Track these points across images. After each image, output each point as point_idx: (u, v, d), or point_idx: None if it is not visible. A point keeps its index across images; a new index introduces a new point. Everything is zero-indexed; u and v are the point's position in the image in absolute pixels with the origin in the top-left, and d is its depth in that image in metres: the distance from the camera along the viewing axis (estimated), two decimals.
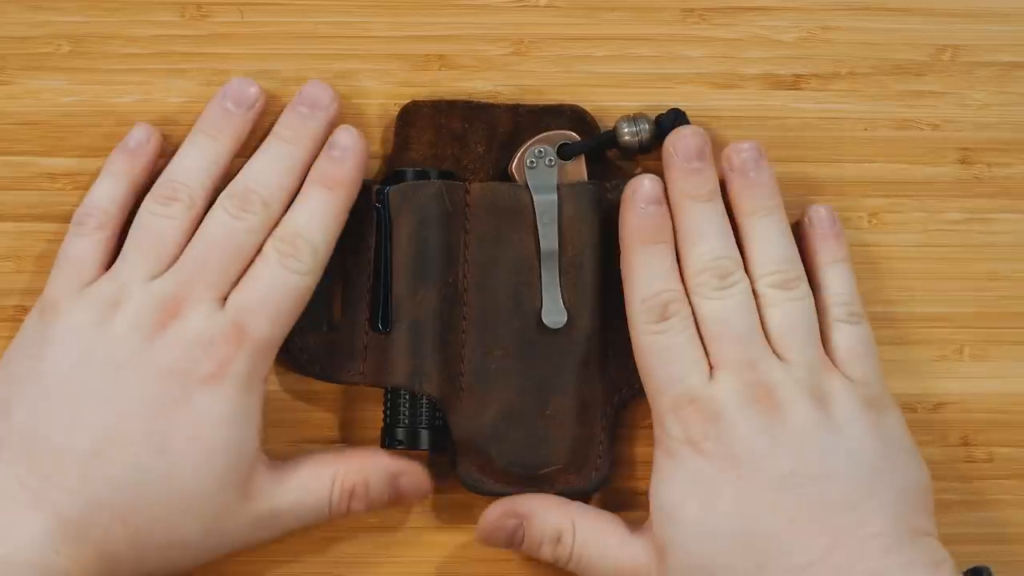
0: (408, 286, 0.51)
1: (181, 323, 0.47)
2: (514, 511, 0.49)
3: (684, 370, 0.47)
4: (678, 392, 0.47)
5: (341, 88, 0.54)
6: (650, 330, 0.48)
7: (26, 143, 0.54)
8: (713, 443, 0.46)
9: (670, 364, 0.48)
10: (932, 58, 0.55)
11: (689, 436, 0.46)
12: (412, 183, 0.52)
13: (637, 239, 0.49)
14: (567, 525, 0.48)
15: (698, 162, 0.50)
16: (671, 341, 0.48)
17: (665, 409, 0.47)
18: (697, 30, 0.54)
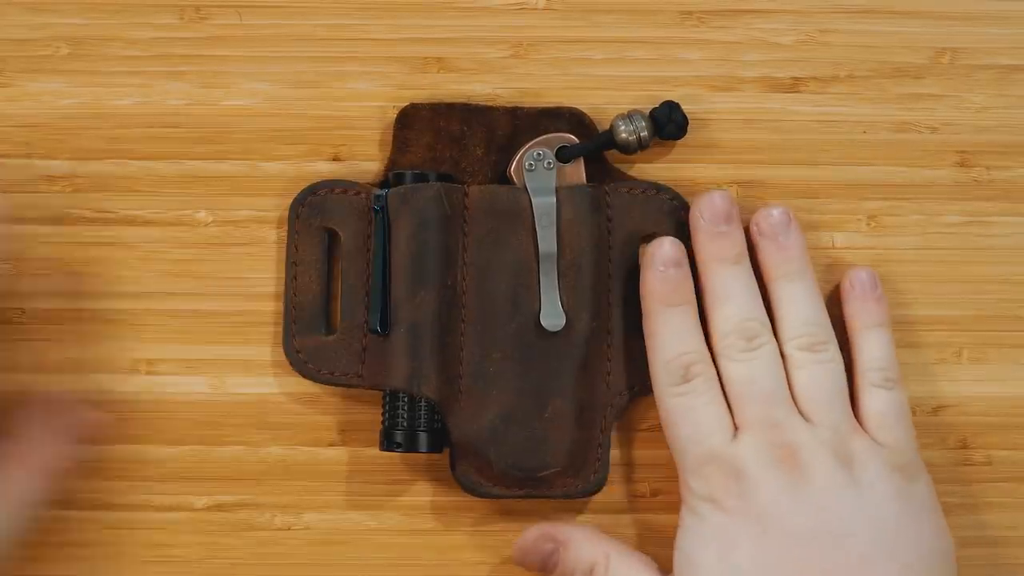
0: (407, 289, 0.51)
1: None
2: (552, 536, 0.50)
3: (707, 430, 0.48)
4: (701, 451, 0.48)
5: (340, 91, 0.54)
6: (673, 392, 0.49)
7: (25, 145, 0.54)
8: (735, 500, 0.46)
9: (693, 424, 0.48)
10: (931, 61, 0.55)
11: (711, 494, 0.47)
12: (411, 186, 0.52)
13: (658, 300, 0.50)
14: (601, 559, 0.49)
15: (725, 225, 0.50)
16: (694, 402, 0.48)
17: (689, 468, 0.48)
18: (695, 33, 0.54)
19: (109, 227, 0.54)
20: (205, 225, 0.54)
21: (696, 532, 0.47)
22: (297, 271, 0.53)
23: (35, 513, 0.49)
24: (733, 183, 0.54)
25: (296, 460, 0.53)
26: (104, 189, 0.54)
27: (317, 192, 0.53)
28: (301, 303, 0.53)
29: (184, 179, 0.54)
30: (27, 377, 0.53)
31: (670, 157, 0.54)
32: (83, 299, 0.53)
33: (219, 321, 0.53)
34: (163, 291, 0.53)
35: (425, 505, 0.53)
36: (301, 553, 0.53)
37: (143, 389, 0.53)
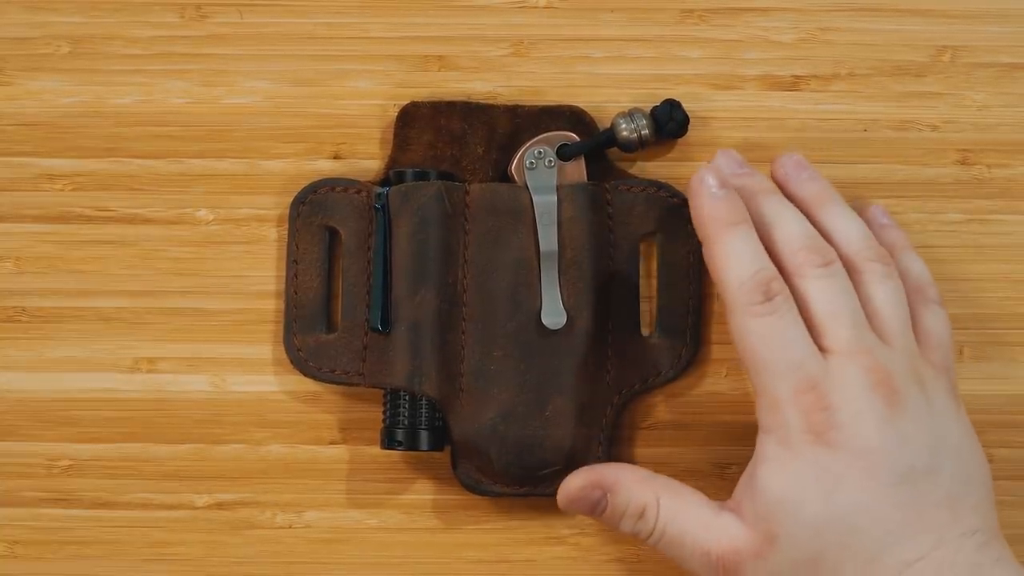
0: (408, 287, 0.51)
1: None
2: (599, 482, 0.47)
3: (802, 354, 0.44)
4: (798, 378, 0.44)
5: (340, 89, 0.54)
6: (756, 312, 0.45)
7: (26, 144, 0.54)
8: (837, 433, 0.43)
9: (786, 348, 0.44)
10: (932, 59, 0.55)
11: (811, 425, 0.44)
12: (411, 184, 0.52)
13: (719, 223, 0.46)
14: (652, 500, 0.46)
15: (746, 166, 0.49)
16: (782, 322, 0.45)
17: (784, 397, 0.44)
18: (696, 31, 0.55)
19: (109, 226, 0.54)
20: (206, 224, 0.54)
21: (793, 470, 0.44)
22: (298, 269, 0.53)
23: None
24: None
25: (297, 458, 0.53)
26: (104, 187, 0.54)
27: (318, 190, 0.53)
28: (302, 301, 0.53)
29: (184, 177, 0.54)
30: (28, 376, 0.53)
31: (671, 155, 0.54)
32: (83, 298, 0.53)
33: (220, 319, 0.53)
34: (163, 290, 0.53)
35: (426, 503, 0.53)
36: (302, 551, 0.53)
37: (144, 388, 0.53)
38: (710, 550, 0.45)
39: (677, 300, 0.53)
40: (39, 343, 0.53)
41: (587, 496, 0.47)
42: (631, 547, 0.53)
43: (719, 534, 0.45)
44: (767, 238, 0.47)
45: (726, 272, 0.46)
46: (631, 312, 0.53)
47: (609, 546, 0.53)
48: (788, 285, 0.46)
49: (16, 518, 0.53)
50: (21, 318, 0.53)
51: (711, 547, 0.45)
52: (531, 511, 0.53)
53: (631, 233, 0.53)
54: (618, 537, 0.53)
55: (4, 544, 0.53)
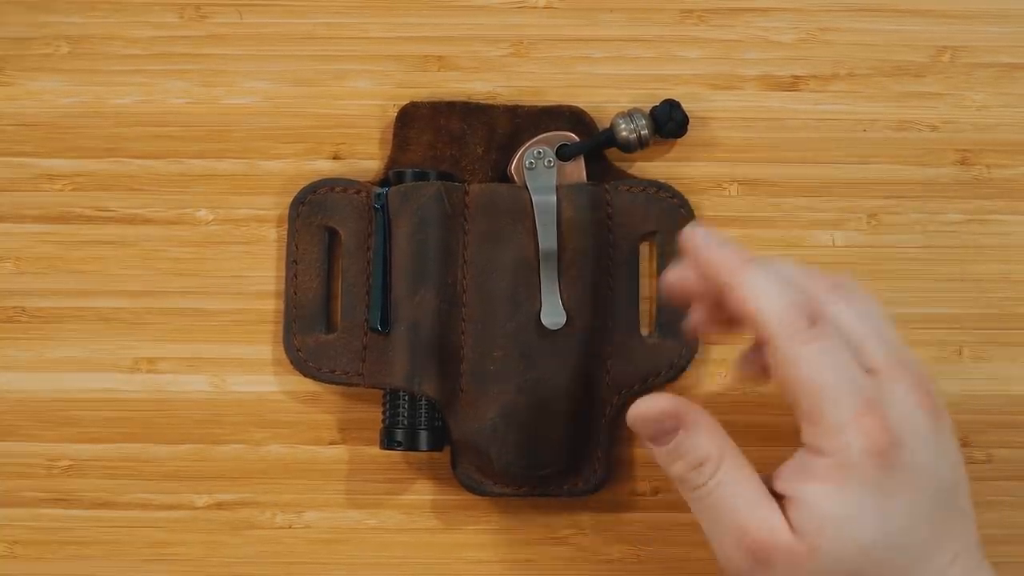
0: (407, 287, 0.51)
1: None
2: (679, 414, 0.45)
3: (858, 375, 0.44)
4: (860, 401, 0.43)
5: (340, 89, 0.54)
6: (805, 339, 0.43)
7: (26, 144, 0.54)
8: (898, 452, 0.43)
9: (842, 370, 0.43)
10: (931, 59, 0.55)
11: (874, 446, 0.43)
12: (411, 184, 0.52)
13: (734, 264, 0.45)
14: (716, 456, 0.44)
15: (722, 238, 0.46)
16: (833, 345, 0.44)
17: (846, 420, 0.43)
18: (696, 31, 0.55)
19: (109, 226, 0.54)
20: (205, 224, 0.54)
21: (851, 490, 0.43)
22: (297, 269, 0.53)
23: None
24: (733, 181, 0.54)
25: (296, 458, 0.53)
26: (104, 188, 0.54)
27: (317, 191, 0.53)
28: (301, 302, 0.53)
29: (184, 178, 0.54)
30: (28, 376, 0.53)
31: (670, 155, 0.54)
32: (83, 298, 0.53)
33: (219, 320, 0.53)
34: (163, 290, 0.53)
35: (426, 503, 0.53)
36: (302, 551, 0.53)
37: (144, 388, 0.53)
38: (748, 531, 0.43)
39: None
40: (39, 343, 0.53)
41: (662, 422, 0.44)
42: (631, 547, 0.53)
43: (762, 522, 0.44)
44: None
45: (762, 307, 0.44)
46: (631, 312, 0.53)
47: (609, 546, 0.53)
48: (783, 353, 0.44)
49: (16, 518, 0.53)
50: (21, 318, 0.53)
51: (751, 528, 0.43)
52: (531, 511, 0.53)
53: (631, 233, 0.53)
54: (618, 537, 0.53)
55: (4, 544, 0.53)
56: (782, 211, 0.54)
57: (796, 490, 0.43)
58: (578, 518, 0.53)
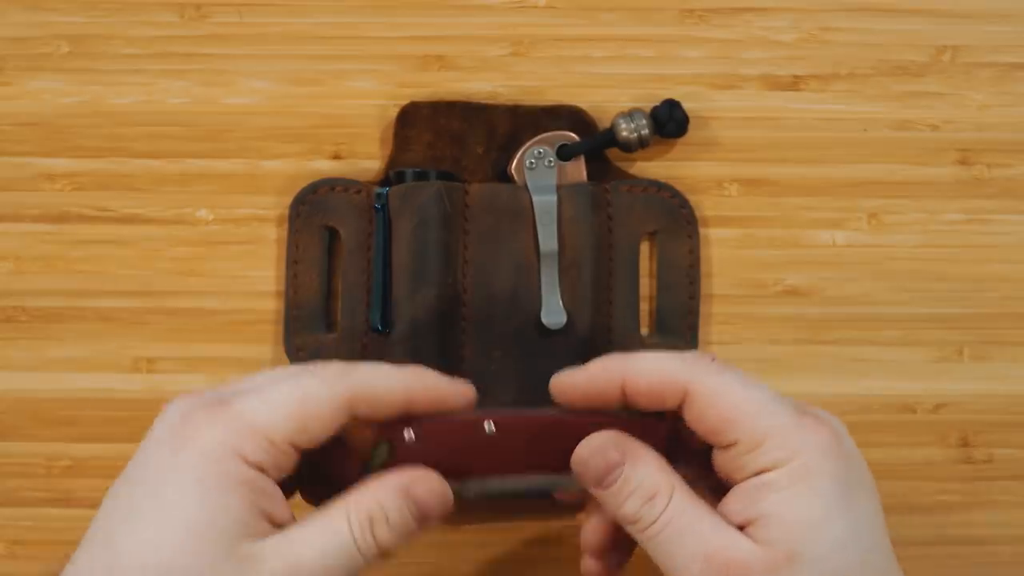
0: (408, 287, 0.51)
1: None
2: (623, 446, 0.44)
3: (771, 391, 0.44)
4: (791, 407, 0.43)
5: (340, 89, 0.54)
6: (718, 370, 0.44)
7: (25, 144, 0.54)
8: (843, 445, 0.43)
9: (761, 387, 0.44)
10: (932, 59, 0.55)
11: (825, 440, 0.43)
12: (411, 184, 0.52)
13: (616, 360, 0.44)
14: (667, 487, 0.43)
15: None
16: (740, 371, 0.44)
17: (790, 424, 0.43)
18: (696, 31, 0.55)
19: (109, 225, 0.54)
20: (205, 223, 0.54)
21: (815, 488, 0.42)
22: (297, 269, 0.53)
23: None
24: (734, 181, 0.54)
25: None
26: (104, 187, 0.54)
27: (317, 190, 0.53)
28: (301, 301, 0.53)
29: (184, 177, 0.54)
30: (27, 376, 0.53)
31: (671, 155, 0.54)
32: (83, 298, 0.53)
33: (219, 319, 0.53)
34: (163, 290, 0.53)
35: None
36: None
37: (144, 387, 0.53)
38: (715, 555, 0.42)
39: (676, 300, 0.53)
40: (39, 343, 0.53)
41: (607, 456, 0.44)
42: None
43: (731, 542, 0.42)
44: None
45: (663, 366, 0.44)
46: (631, 312, 0.53)
47: None
48: (699, 390, 0.44)
49: (16, 518, 0.53)
50: (21, 318, 0.53)
51: (716, 552, 0.42)
52: (531, 511, 0.53)
53: (631, 233, 0.53)
54: None
55: (4, 544, 0.53)
56: (782, 211, 0.54)
57: (757, 509, 0.42)
58: (577, 518, 0.53)
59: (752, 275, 0.54)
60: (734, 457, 0.42)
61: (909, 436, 0.53)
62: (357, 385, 0.42)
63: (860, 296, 0.54)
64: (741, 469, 0.42)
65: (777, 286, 0.54)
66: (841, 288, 0.54)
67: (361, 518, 0.41)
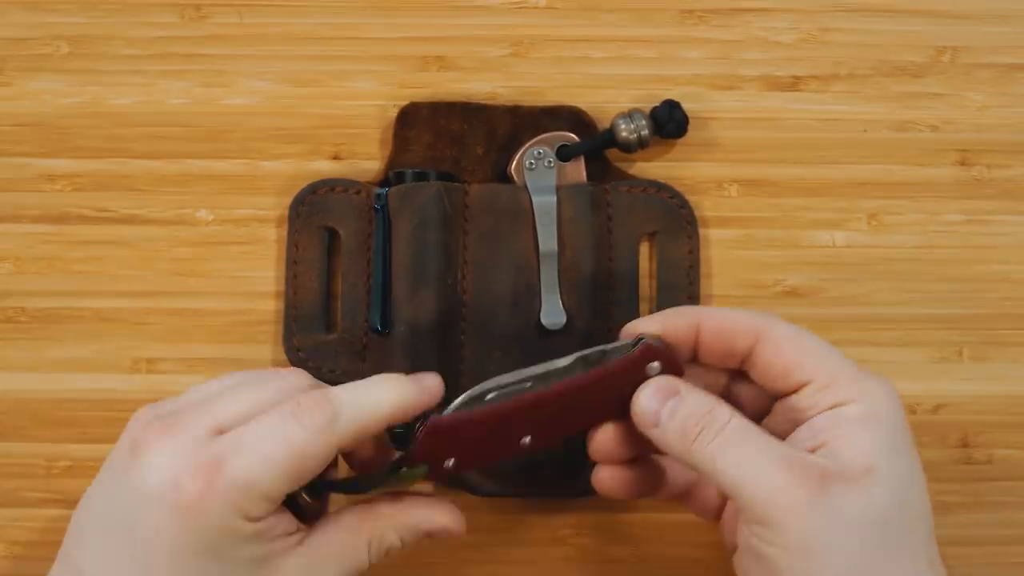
0: (407, 287, 0.51)
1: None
2: (674, 383, 0.44)
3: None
4: (850, 362, 0.44)
5: (340, 90, 0.54)
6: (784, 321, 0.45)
7: (25, 144, 0.54)
8: (899, 407, 0.44)
9: (821, 341, 0.45)
10: (931, 59, 0.55)
11: (890, 392, 0.43)
12: (411, 185, 0.52)
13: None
14: (725, 406, 0.43)
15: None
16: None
17: (856, 372, 0.44)
18: (696, 31, 0.55)
19: (109, 226, 0.54)
20: (205, 224, 0.54)
21: (887, 426, 0.43)
22: (297, 270, 0.53)
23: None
24: (733, 181, 0.54)
25: None
26: (104, 188, 0.54)
27: (317, 191, 0.53)
28: (301, 302, 0.53)
29: (184, 178, 0.54)
30: (27, 376, 0.53)
31: (671, 156, 0.54)
32: (83, 298, 0.53)
33: (219, 320, 0.53)
34: (163, 290, 0.53)
35: None
36: None
37: (144, 388, 0.53)
38: (796, 459, 0.41)
39: (676, 300, 0.53)
40: (39, 343, 0.53)
41: (665, 387, 0.44)
42: (631, 547, 0.53)
43: (803, 453, 0.42)
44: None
45: (737, 317, 0.45)
46: (631, 312, 0.53)
47: (609, 546, 0.53)
48: (772, 335, 0.45)
49: (16, 518, 0.53)
50: (21, 318, 0.53)
51: (799, 455, 0.41)
52: (531, 511, 0.53)
53: (631, 233, 0.53)
54: (618, 537, 0.53)
55: (4, 544, 0.53)
56: (782, 211, 0.54)
57: (831, 434, 0.42)
58: (578, 518, 0.53)
59: (752, 275, 0.54)
60: (805, 397, 0.43)
61: None
62: (344, 432, 0.43)
63: (860, 296, 0.54)
64: (813, 407, 0.43)
65: (777, 287, 0.54)
66: (841, 288, 0.54)
67: (380, 547, 0.45)
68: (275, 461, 0.41)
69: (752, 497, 0.41)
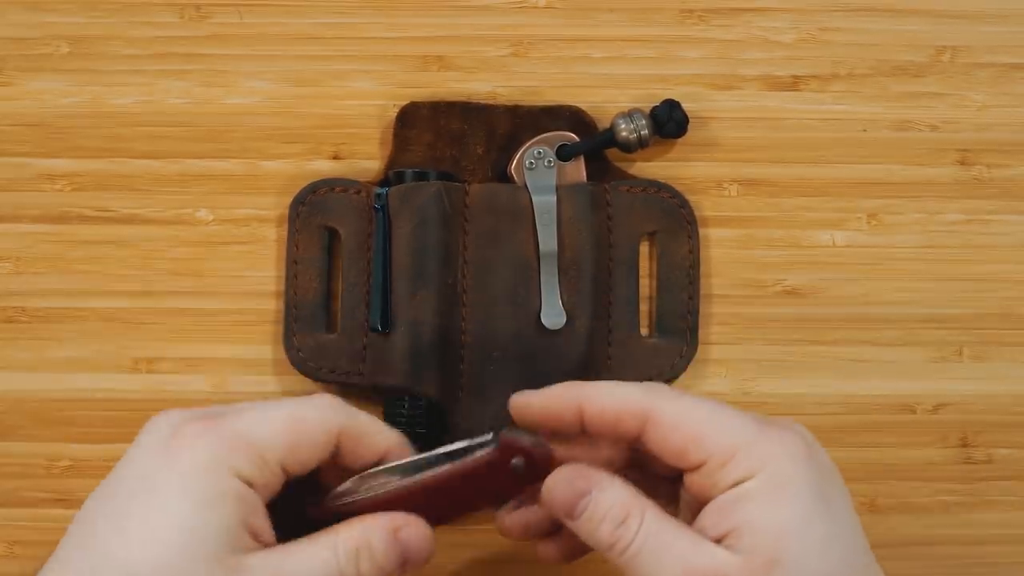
0: (408, 287, 0.51)
1: None
2: (588, 475, 0.44)
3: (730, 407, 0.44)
4: (756, 421, 0.43)
5: (340, 90, 0.54)
6: (676, 394, 0.44)
7: (25, 144, 0.54)
8: (813, 453, 0.43)
9: (722, 404, 0.44)
10: (931, 59, 0.55)
11: (796, 448, 0.43)
12: (411, 184, 0.52)
13: (570, 387, 0.45)
14: (638, 509, 0.43)
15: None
16: (698, 395, 0.45)
17: (758, 437, 0.43)
18: (696, 31, 0.55)
19: (109, 226, 0.54)
20: (205, 224, 0.54)
21: (791, 493, 0.42)
22: (297, 269, 0.53)
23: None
24: (733, 181, 0.54)
25: None
26: (104, 188, 0.54)
27: (317, 191, 0.53)
28: (301, 301, 0.53)
29: (184, 178, 0.54)
30: (27, 376, 0.53)
31: (670, 155, 0.54)
32: (83, 298, 0.53)
33: (219, 320, 0.53)
34: (163, 290, 0.53)
35: None
36: None
37: (144, 388, 0.53)
38: (696, 569, 0.42)
39: (676, 300, 0.53)
40: (39, 343, 0.53)
41: (574, 485, 0.44)
42: None
43: (705, 556, 0.42)
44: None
45: (625, 392, 0.44)
46: (631, 312, 0.53)
47: None
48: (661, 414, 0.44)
49: (16, 518, 0.53)
50: (21, 318, 0.53)
51: (695, 567, 0.42)
52: None
53: (631, 233, 0.53)
54: None
55: (4, 544, 0.53)
56: (782, 211, 0.54)
57: (733, 520, 0.42)
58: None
59: (752, 275, 0.54)
60: (705, 475, 0.42)
61: (909, 436, 0.53)
62: (348, 421, 0.43)
63: (860, 296, 0.54)
64: (714, 486, 0.42)
65: (777, 286, 0.54)
66: (841, 288, 0.54)
67: (349, 548, 0.42)
68: (275, 420, 0.41)
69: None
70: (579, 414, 0.44)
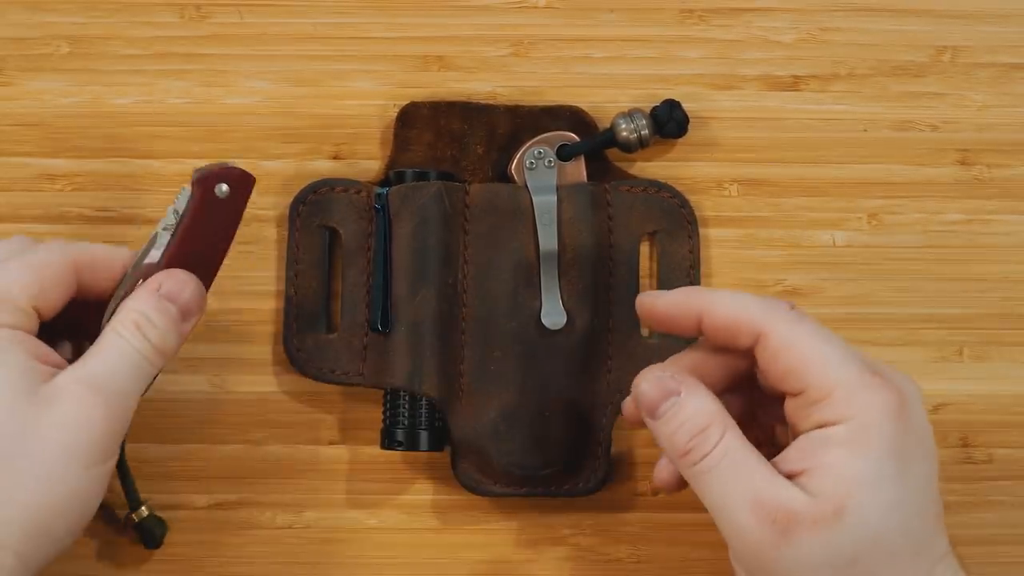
0: (408, 287, 0.51)
1: None
2: (681, 377, 0.44)
3: (846, 345, 0.44)
4: (862, 365, 0.43)
5: (340, 89, 0.54)
6: (794, 319, 0.44)
7: (25, 144, 0.54)
8: (908, 413, 0.43)
9: (836, 340, 0.44)
10: (931, 59, 0.55)
11: (889, 404, 0.42)
12: (411, 184, 0.52)
13: (698, 292, 0.45)
14: (719, 420, 0.43)
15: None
16: (816, 323, 0.44)
17: (857, 383, 0.42)
18: (696, 31, 0.55)
19: (109, 226, 0.53)
20: None
21: (873, 447, 0.42)
22: (297, 270, 0.53)
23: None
24: (733, 181, 0.54)
25: (297, 458, 0.53)
26: (104, 187, 0.54)
27: (317, 191, 0.53)
28: (301, 301, 0.53)
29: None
30: None
31: (671, 155, 0.54)
32: None
33: (219, 320, 0.53)
34: None
35: (426, 504, 0.53)
36: (302, 551, 0.52)
37: None
38: (767, 498, 0.42)
39: None
40: None
41: (663, 384, 0.43)
42: (631, 547, 0.53)
43: (781, 489, 0.42)
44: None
45: (746, 305, 0.44)
46: (631, 312, 0.53)
47: (609, 546, 0.53)
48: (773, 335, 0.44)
49: None
50: None
51: (769, 495, 0.42)
52: (531, 511, 0.53)
53: (631, 233, 0.53)
54: (618, 537, 0.53)
55: None
56: (782, 211, 0.54)
57: (813, 461, 0.42)
58: (578, 518, 0.53)
59: (752, 275, 0.54)
60: (800, 406, 0.43)
61: None
62: (80, 253, 0.46)
63: (860, 296, 0.54)
64: (805, 419, 0.42)
65: (777, 286, 0.54)
66: (841, 288, 0.54)
67: (129, 326, 0.45)
68: (19, 272, 0.45)
69: (725, 530, 0.42)
70: (698, 319, 0.44)
